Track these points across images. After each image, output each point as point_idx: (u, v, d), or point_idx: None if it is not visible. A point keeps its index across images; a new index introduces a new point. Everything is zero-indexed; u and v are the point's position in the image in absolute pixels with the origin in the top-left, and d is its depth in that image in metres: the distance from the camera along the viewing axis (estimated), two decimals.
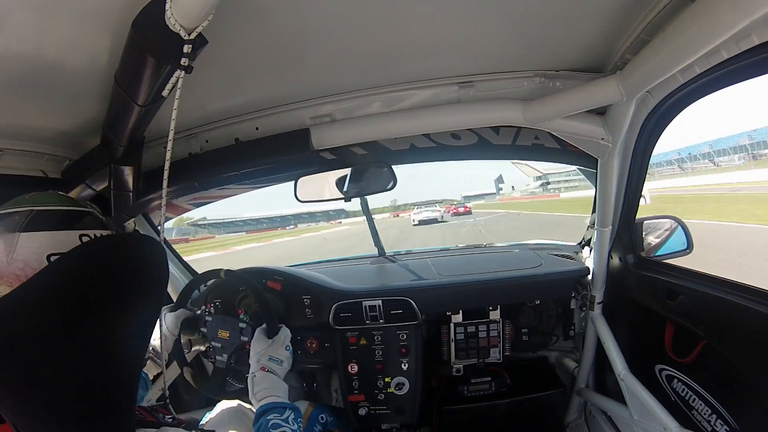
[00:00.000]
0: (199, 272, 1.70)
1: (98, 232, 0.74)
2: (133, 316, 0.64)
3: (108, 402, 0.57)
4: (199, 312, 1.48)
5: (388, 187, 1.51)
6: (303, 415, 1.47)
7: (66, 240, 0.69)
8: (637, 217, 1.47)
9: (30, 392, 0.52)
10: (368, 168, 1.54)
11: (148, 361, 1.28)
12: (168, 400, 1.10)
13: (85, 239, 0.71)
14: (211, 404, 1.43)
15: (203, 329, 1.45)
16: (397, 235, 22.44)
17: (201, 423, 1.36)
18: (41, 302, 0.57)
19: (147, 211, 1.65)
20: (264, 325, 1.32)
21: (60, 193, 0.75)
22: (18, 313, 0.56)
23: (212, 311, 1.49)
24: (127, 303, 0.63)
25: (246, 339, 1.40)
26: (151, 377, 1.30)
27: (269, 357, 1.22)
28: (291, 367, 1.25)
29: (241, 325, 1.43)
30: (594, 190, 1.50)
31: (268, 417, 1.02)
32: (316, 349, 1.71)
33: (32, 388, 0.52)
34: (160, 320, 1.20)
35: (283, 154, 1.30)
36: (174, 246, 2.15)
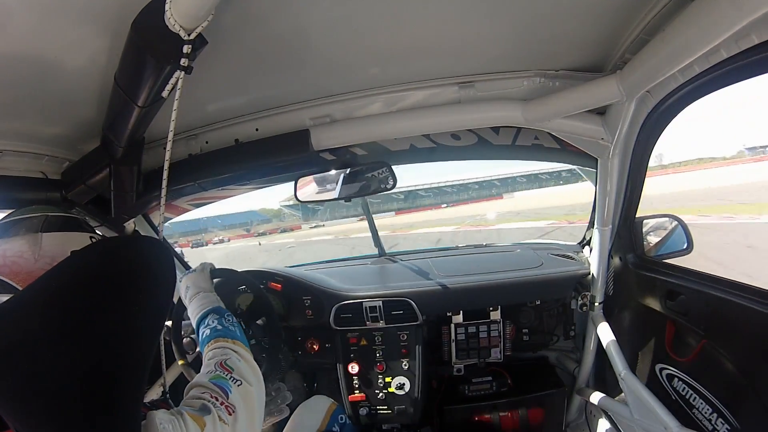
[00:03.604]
0: None
1: (99, 236, 0.83)
2: (140, 316, 0.63)
3: (112, 404, 0.57)
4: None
5: (388, 186, 1.51)
6: (326, 411, 1.47)
7: (82, 240, 0.77)
8: (636, 216, 1.47)
9: (33, 397, 0.52)
10: (368, 168, 1.55)
11: None
12: (167, 395, 1.09)
13: (94, 239, 0.79)
14: None
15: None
16: None
17: None
18: (49, 304, 0.56)
19: (147, 211, 1.65)
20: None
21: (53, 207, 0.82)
22: (24, 315, 0.55)
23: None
24: (134, 303, 0.63)
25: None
26: None
27: (180, 278, 1.15)
28: (292, 367, 1.19)
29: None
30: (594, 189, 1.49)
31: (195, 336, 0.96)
32: (316, 349, 1.71)
33: (35, 392, 0.52)
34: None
35: (283, 155, 1.30)
36: None
